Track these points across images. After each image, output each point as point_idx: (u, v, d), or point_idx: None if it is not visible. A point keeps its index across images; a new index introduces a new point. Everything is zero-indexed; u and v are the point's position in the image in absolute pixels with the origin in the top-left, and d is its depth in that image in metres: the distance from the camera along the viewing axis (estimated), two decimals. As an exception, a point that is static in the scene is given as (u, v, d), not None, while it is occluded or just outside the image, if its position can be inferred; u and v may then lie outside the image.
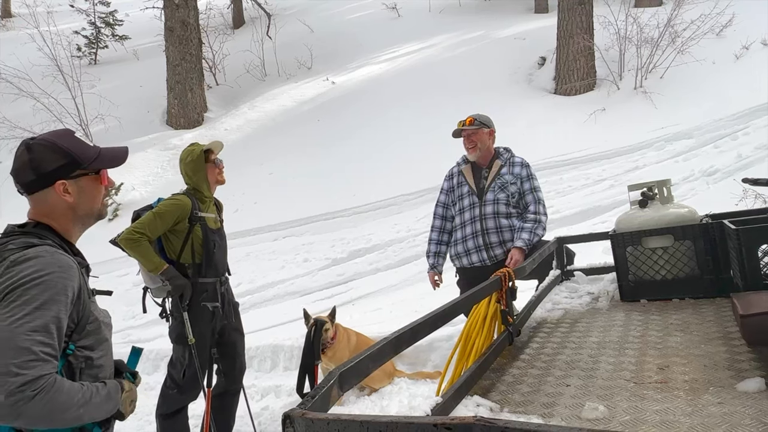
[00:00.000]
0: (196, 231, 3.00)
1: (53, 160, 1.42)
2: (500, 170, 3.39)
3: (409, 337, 1.43)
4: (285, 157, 10.13)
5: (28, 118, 10.91)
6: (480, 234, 3.33)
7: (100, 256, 7.48)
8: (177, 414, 3.04)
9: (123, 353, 1.60)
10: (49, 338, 1.25)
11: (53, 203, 1.43)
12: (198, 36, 12.42)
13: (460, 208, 3.45)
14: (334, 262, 7.04)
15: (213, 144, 3.16)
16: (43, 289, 1.27)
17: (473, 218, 3.36)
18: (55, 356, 1.26)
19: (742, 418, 1.30)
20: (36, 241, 1.36)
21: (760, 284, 2.10)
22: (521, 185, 3.36)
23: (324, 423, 0.90)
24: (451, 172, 3.58)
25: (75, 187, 1.44)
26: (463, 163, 3.54)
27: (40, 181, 1.41)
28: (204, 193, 3.09)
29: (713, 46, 10.05)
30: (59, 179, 1.42)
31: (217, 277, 3.08)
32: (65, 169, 1.42)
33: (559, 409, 1.50)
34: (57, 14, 15.48)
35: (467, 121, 3.37)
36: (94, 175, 1.48)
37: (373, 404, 3.35)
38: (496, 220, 3.31)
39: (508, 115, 9.48)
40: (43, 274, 1.28)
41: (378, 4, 16.06)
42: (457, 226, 3.45)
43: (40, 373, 1.20)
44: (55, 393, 1.22)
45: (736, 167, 6.72)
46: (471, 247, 3.36)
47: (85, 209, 1.48)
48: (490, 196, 3.35)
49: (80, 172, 1.45)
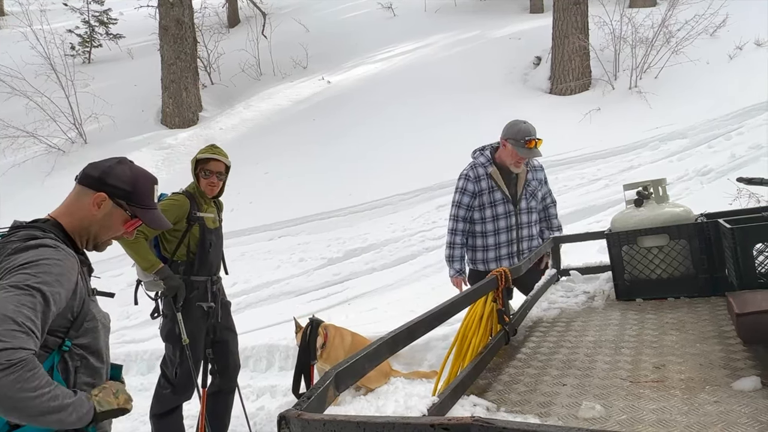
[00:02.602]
0: (194, 231, 3.02)
1: (120, 180, 1.53)
2: (527, 176, 3.37)
3: (406, 337, 1.43)
4: (280, 157, 10.10)
5: (20, 117, 10.83)
6: (515, 242, 3.34)
7: (96, 255, 7.44)
8: (171, 414, 3.04)
9: (119, 353, 1.60)
10: (34, 316, 1.22)
11: (80, 203, 1.51)
12: (193, 35, 12.37)
13: (493, 215, 3.31)
14: (330, 261, 7.03)
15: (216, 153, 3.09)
16: (38, 271, 1.27)
17: (509, 227, 3.32)
18: (36, 335, 1.22)
19: (738, 417, 1.30)
20: (39, 233, 1.38)
21: (755, 283, 2.11)
22: (542, 188, 3.47)
23: (320, 424, 0.90)
24: (477, 174, 3.33)
25: (107, 207, 1.52)
26: (489, 164, 3.33)
27: (96, 182, 1.51)
28: (201, 195, 3.11)
29: (707, 46, 10.10)
30: (106, 192, 1.50)
31: (209, 276, 3.08)
32: (118, 191, 1.52)
33: (556, 408, 1.50)
34: (50, 12, 15.37)
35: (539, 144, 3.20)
36: (128, 214, 1.56)
37: (369, 404, 3.35)
38: (530, 228, 3.39)
39: (504, 115, 9.45)
40: (40, 259, 1.29)
41: (373, 4, 16.05)
42: (489, 232, 3.33)
43: (22, 345, 1.16)
44: (30, 373, 1.16)
45: (730, 167, 6.76)
46: (504, 254, 3.34)
47: (96, 230, 1.53)
48: (524, 204, 3.34)
49: (123, 203, 1.53)
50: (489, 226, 3.33)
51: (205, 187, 3.08)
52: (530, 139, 3.16)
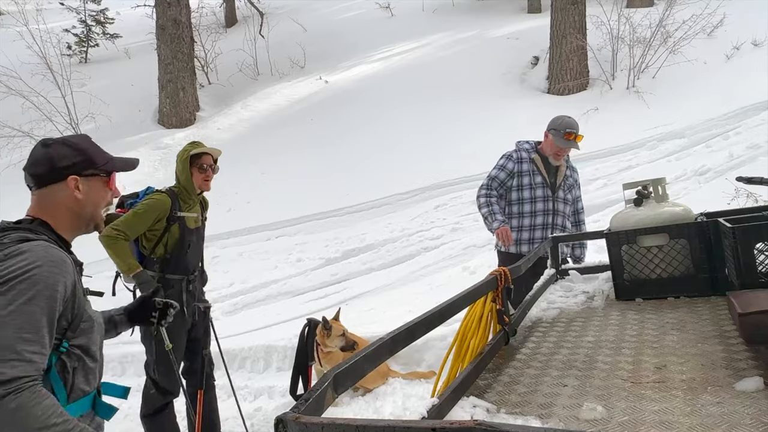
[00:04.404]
0: (173, 230, 2.99)
1: (70, 156, 1.46)
2: (566, 172, 3.53)
3: (406, 337, 1.41)
4: (278, 157, 10.07)
5: (17, 117, 10.78)
6: (549, 227, 3.45)
7: (89, 256, 7.40)
8: (160, 413, 3.02)
9: (113, 354, 1.58)
10: (37, 335, 1.20)
11: (60, 200, 1.45)
12: (190, 34, 12.33)
13: (531, 196, 3.45)
14: (328, 261, 7.01)
15: (208, 149, 3.10)
16: (32, 284, 1.23)
17: (546, 210, 3.44)
18: (41, 354, 1.20)
19: (741, 418, 1.29)
20: (32, 236, 1.34)
21: (756, 282, 2.09)
22: (576, 189, 3.62)
23: (318, 427, 0.88)
24: (520, 157, 3.50)
25: (86, 185, 1.47)
26: (533, 151, 3.52)
27: (54, 174, 1.44)
28: (189, 193, 3.07)
29: (704, 46, 10.12)
30: (72, 175, 1.45)
31: (185, 275, 3.05)
32: (80, 165, 1.47)
33: (557, 409, 1.48)
34: (47, 12, 15.29)
35: (578, 139, 3.40)
36: (104, 176, 1.52)
37: (367, 405, 3.33)
38: (564, 219, 3.49)
39: (502, 115, 9.49)
40: (32, 268, 1.25)
41: (371, 4, 16.04)
42: (526, 213, 3.46)
43: (18, 374, 1.15)
44: (31, 401, 1.14)
45: (728, 166, 6.76)
46: (537, 237, 3.43)
47: (90, 211, 1.49)
48: (561, 194, 3.48)
49: (93, 171, 1.49)
50: (526, 207, 3.45)
51: (202, 182, 3.07)
52: (570, 132, 3.35)
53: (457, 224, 7.14)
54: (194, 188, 3.07)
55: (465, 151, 8.53)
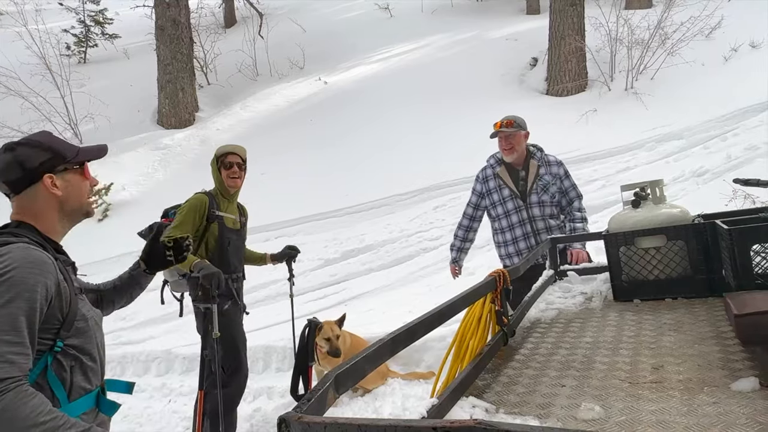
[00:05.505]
0: (212, 228, 3.06)
1: (38, 155, 1.44)
2: (539, 171, 3.48)
3: (406, 338, 1.42)
4: (277, 157, 10.08)
5: (15, 117, 10.77)
6: (531, 235, 3.46)
7: (91, 256, 7.42)
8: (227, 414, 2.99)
9: (115, 355, 1.59)
10: (18, 337, 1.20)
11: (40, 200, 1.44)
12: (189, 35, 12.33)
13: (504, 211, 3.50)
14: (327, 262, 7.02)
15: (231, 148, 3.23)
16: (10, 286, 1.23)
17: (522, 221, 3.46)
18: (24, 355, 1.21)
19: (737, 418, 1.30)
20: (12, 239, 1.34)
21: (753, 284, 2.11)
22: (561, 183, 3.52)
23: (321, 427, 0.89)
24: (485, 175, 3.59)
25: (62, 181, 1.46)
26: (497, 165, 3.55)
27: (28, 177, 1.42)
28: (223, 195, 3.18)
29: (702, 48, 10.15)
30: (46, 173, 1.44)
31: (229, 274, 3.10)
32: (50, 162, 1.45)
33: (555, 409, 1.50)
34: (46, 12, 15.29)
35: (506, 123, 3.39)
36: (78, 168, 1.51)
37: (366, 405, 3.34)
38: (546, 221, 3.47)
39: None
40: (9, 270, 1.24)
41: (370, 4, 16.06)
42: (505, 228, 3.52)
43: (2, 376, 1.15)
44: (17, 401, 1.14)
45: (726, 168, 6.79)
46: (523, 248, 3.48)
47: (73, 204, 1.49)
48: (534, 198, 3.45)
49: (65, 166, 1.48)
50: (503, 222, 3.52)
51: (227, 180, 3.15)
52: (496, 123, 3.42)
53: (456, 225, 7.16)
54: (225, 188, 3.17)
55: (464, 152, 8.54)
